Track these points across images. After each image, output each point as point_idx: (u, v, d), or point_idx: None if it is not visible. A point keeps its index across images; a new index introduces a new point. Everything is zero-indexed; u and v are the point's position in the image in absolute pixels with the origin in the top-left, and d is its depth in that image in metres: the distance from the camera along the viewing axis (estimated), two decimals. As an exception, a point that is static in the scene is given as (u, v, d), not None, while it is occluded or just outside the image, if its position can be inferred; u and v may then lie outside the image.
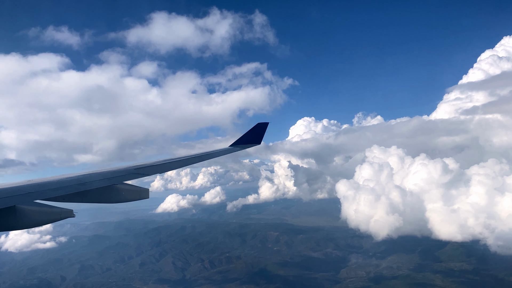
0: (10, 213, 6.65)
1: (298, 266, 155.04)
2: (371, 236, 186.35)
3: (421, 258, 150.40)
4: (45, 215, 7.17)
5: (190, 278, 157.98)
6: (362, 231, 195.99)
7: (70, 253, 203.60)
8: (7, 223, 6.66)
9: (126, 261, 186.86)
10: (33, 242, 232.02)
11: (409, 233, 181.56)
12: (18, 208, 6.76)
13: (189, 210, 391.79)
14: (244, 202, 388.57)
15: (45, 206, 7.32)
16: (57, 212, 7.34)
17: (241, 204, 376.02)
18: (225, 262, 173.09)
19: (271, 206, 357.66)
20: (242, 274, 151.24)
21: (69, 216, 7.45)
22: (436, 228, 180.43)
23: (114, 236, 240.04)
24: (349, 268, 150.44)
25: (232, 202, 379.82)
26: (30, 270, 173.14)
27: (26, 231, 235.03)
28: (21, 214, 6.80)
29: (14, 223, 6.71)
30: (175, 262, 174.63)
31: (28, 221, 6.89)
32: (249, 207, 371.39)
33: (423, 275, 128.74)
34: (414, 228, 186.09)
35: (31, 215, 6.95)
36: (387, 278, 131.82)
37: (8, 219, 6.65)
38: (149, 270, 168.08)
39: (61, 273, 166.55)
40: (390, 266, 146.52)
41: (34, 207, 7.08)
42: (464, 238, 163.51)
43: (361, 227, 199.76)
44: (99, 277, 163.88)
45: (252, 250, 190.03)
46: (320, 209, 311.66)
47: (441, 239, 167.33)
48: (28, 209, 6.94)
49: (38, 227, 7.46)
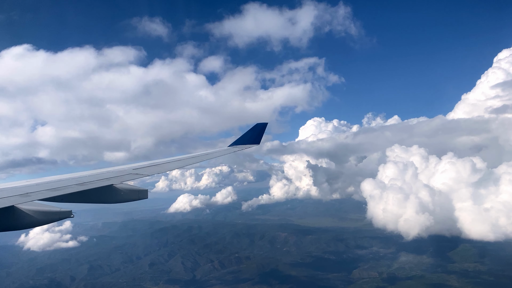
0: (8, 213, 6.70)
1: (310, 267, 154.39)
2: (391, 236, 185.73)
3: (433, 259, 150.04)
4: (43, 215, 7.18)
5: (201, 279, 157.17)
6: (390, 230, 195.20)
7: (77, 253, 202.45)
8: (5, 223, 6.72)
9: (135, 261, 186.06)
10: (54, 241, 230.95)
11: (438, 233, 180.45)
12: (16, 208, 6.80)
13: (202, 210, 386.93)
14: (258, 202, 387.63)
15: (44, 206, 7.37)
16: (56, 213, 7.35)
17: (256, 204, 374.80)
18: (235, 262, 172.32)
19: (277, 207, 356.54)
20: (254, 274, 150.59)
21: (68, 217, 7.41)
22: (466, 228, 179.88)
23: (120, 236, 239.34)
24: (361, 269, 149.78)
25: (247, 202, 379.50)
26: (38, 270, 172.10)
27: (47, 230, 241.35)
28: (20, 214, 6.84)
29: (12, 223, 6.77)
30: (185, 262, 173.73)
31: (27, 221, 6.93)
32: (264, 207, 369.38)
33: (438, 275, 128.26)
34: (442, 227, 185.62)
35: (30, 215, 6.98)
36: (401, 278, 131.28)
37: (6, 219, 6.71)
38: (158, 270, 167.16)
39: (70, 273, 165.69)
40: (402, 267, 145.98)
41: (32, 207, 7.11)
42: (496, 238, 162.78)
43: (389, 227, 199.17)
44: (109, 277, 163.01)
45: (261, 250, 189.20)
46: (326, 209, 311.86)
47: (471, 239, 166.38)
48: (27, 209, 6.97)
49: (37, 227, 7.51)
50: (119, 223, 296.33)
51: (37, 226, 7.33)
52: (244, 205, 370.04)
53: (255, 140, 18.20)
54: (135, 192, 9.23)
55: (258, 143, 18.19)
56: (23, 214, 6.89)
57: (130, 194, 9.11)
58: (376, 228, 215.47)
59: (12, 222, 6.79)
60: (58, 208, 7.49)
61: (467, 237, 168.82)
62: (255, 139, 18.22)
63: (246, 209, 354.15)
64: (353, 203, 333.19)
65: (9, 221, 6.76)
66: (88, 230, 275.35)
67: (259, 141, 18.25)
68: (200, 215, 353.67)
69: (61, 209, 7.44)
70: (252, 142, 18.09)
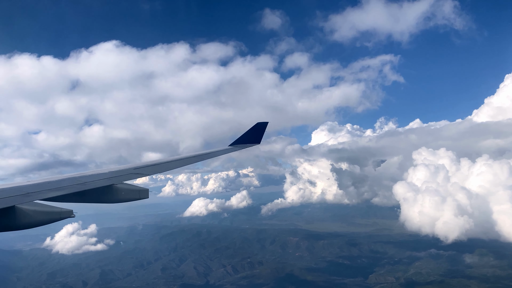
0: (9, 213, 6.73)
1: (325, 272, 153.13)
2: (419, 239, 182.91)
3: (449, 264, 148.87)
4: (44, 215, 7.26)
5: (215, 283, 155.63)
6: (425, 233, 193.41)
7: (87, 258, 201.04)
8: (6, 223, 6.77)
9: (146, 266, 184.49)
10: (82, 244, 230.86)
11: (475, 236, 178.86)
12: (17, 208, 6.83)
13: (219, 214, 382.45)
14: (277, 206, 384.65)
15: (45, 206, 7.42)
16: (57, 212, 7.43)
17: (276, 208, 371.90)
18: (247, 267, 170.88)
19: (284, 212, 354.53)
20: (269, 279, 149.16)
21: (69, 216, 7.50)
22: (506, 231, 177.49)
23: (128, 241, 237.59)
24: (377, 274, 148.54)
25: (266, 205, 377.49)
26: (49, 275, 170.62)
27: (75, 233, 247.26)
28: (21, 214, 6.89)
29: (13, 223, 6.81)
30: (197, 267, 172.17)
31: (28, 221, 6.98)
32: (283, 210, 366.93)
33: (458, 280, 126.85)
34: (480, 230, 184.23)
35: (31, 215, 7.04)
36: (421, 283, 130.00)
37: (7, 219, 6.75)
38: (171, 275, 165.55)
39: (82, 278, 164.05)
40: (418, 272, 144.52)
41: (33, 207, 7.16)
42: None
43: (424, 230, 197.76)
44: (122, 282, 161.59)
45: (273, 255, 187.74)
46: (333, 214, 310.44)
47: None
48: (28, 209, 7.02)
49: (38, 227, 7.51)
50: (125, 227, 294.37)
51: (38, 226, 7.36)
52: (264, 208, 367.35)
53: (256, 139, 18.20)
54: (135, 192, 9.21)
55: (258, 142, 18.22)
56: (24, 214, 6.93)
57: (130, 194, 9.11)
58: (387, 234, 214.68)
59: (13, 222, 6.82)
60: (59, 208, 7.58)
61: (506, 240, 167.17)
62: (256, 139, 18.20)
63: (266, 213, 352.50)
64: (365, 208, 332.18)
65: (10, 221, 6.79)
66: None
67: (260, 140, 18.27)
68: (217, 219, 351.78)
69: (62, 209, 7.53)
70: (252, 141, 18.11)
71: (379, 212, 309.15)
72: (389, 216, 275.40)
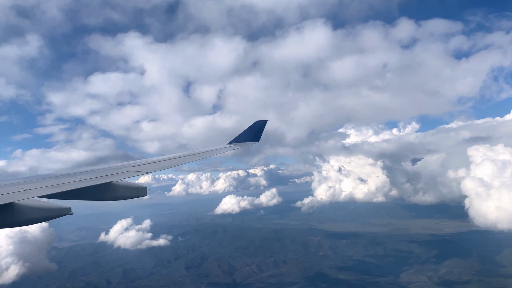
0: (8, 210, 6.65)
1: (355, 270, 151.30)
2: None
3: (480, 263, 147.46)
4: (43, 212, 7.20)
5: (242, 282, 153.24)
6: (500, 229, 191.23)
7: (105, 256, 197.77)
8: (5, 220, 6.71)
9: (166, 265, 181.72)
10: (142, 240, 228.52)
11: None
12: (16, 205, 6.75)
13: (252, 211, 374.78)
14: (312, 204, 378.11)
15: (43, 203, 7.39)
16: (55, 209, 7.38)
17: (316, 206, 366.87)
18: (272, 266, 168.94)
19: (293, 212, 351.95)
20: (299, 277, 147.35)
21: (67, 214, 7.46)
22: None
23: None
24: (408, 273, 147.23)
25: (306, 203, 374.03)
26: (71, 273, 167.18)
27: (132, 228, 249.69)
28: (19, 211, 6.81)
29: (12, 220, 6.76)
30: (220, 265, 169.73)
31: (26, 218, 6.93)
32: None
33: (497, 280, 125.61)
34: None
35: (29, 212, 6.96)
36: (458, 282, 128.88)
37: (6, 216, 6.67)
38: (196, 274, 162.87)
39: (105, 277, 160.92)
40: (450, 271, 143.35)
41: (32, 204, 7.08)
42: None
43: (500, 225, 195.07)
44: (146, 280, 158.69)
45: (296, 254, 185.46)
46: (346, 214, 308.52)
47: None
48: (26, 206, 6.93)
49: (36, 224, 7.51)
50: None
51: (36, 223, 7.34)
52: (304, 207, 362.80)
53: (255, 137, 18.17)
54: (134, 190, 9.08)
55: (257, 140, 18.24)
56: (22, 211, 6.84)
57: (129, 191, 8.98)
58: (405, 234, 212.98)
59: (12, 218, 6.75)
60: (57, 205, 7.54)
61: None
62: (255, 137, 18.17)
63: (307, 211, 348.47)
64: (396, 206, 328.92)
65: (9, 218, 6.73)
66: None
67: (259, 138, 18.29)
68: (254, 216, 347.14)
69: (60, 206, 7.49)
70: (251, 139, 18.05)
71: (419, 210, 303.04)
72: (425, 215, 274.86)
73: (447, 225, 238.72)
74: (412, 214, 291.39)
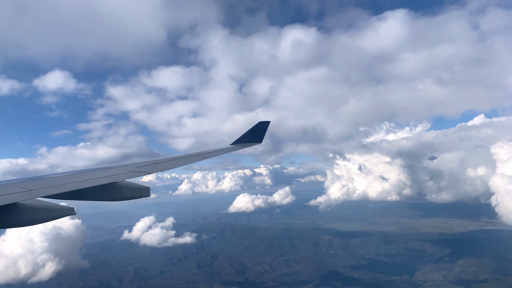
0: (11, 210, 6.65)
1: (369, 269, 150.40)
2: None
3: (495, 262, 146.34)
4: (46, 213, 7.17)
5: (255, 281, 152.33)
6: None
7: (113, 256, 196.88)
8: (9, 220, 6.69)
9: (177, 263, 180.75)
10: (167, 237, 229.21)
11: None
12: (19, 205, 6.74)
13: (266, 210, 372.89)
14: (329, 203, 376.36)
15: (47, 203, 7.35)
16: (59, 210, 7.36)
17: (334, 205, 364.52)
18: (284, 265, 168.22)
19: (300, 211, 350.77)
20: (312, 276, 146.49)
21: (70, 214, 7.44)
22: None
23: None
24: (422, 272, 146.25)
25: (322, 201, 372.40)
26: (81, 272, 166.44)
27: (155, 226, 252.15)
28: (23, 211, 6.80)
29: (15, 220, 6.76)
30: (232, 264, 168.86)
31: (29, 219, 6.92)
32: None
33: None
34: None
35: (32, 212, 6.95)
36: (474, 281, 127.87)
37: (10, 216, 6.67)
38: (208, 272, 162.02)
39: (116, 275, 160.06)
40: (465, 270, 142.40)
41: (35, 204, 7.07)
42: None
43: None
44: (157, 279, 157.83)
45: (306, 253, 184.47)
46: (352, 213, 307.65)
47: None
48: (30, 206, 6.93)
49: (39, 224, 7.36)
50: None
51: (40, 223, 7.22)
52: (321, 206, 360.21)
53: (258, 138, 18.20)
54: (137, 190, 9.02)
55: (260, 141, 18.27)
56: (26, 211, 6.82)
57: (132, 191, 8.92)
58: (415, 232, 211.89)
59: (15, 219, 6.73)
60: (61, 205, 7.51)
61: None
62: (257, 138, 18.21)
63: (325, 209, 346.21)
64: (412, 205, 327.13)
65: (12, 218, 6.70)
66: (109, 233, 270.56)
67: (261, 139, 18.31)
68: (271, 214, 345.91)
69: (64, 206, 7.50)
70: (254, 140, 18.12)
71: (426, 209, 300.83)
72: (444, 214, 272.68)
73: (456, 224, 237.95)
74: (420, 213, 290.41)
